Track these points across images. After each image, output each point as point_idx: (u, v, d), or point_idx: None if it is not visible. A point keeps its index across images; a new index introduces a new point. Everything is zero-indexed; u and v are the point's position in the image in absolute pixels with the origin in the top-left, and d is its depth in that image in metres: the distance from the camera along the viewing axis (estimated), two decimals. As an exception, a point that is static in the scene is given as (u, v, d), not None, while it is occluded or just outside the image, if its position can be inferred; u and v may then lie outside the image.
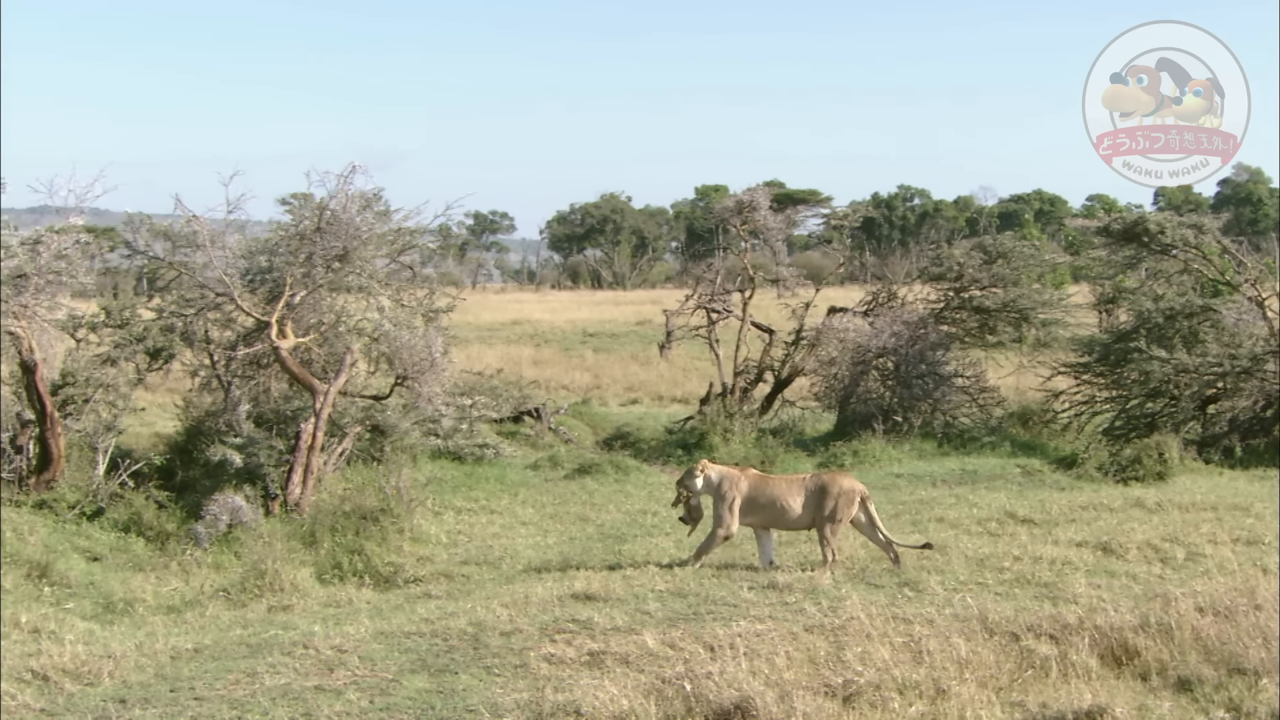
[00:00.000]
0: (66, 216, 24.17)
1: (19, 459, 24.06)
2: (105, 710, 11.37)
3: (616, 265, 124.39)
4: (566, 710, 10.98)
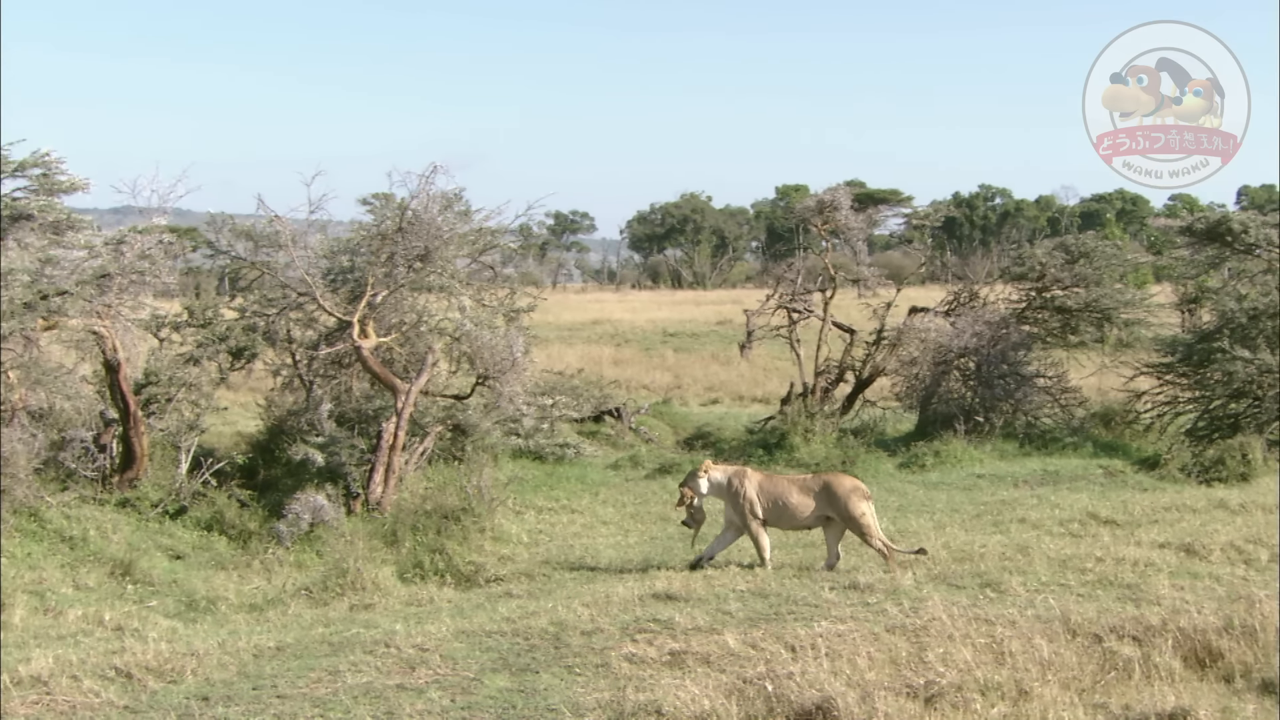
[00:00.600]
0: (150, 217, 24.27)
1: (103, 457, 24.18)
2: (188, 708, 11.39)
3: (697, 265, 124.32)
4: (648, 710, 10.94)
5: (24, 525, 20.99)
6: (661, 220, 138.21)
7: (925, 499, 26.10)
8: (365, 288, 25.79)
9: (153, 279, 23.43)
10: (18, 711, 11.48)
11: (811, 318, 38.55)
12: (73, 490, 22.97)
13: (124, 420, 24.09)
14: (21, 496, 21.13)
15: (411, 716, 11.04)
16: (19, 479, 21.06)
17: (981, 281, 39.02)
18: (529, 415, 29.35)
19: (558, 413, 31.29)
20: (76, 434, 24.24)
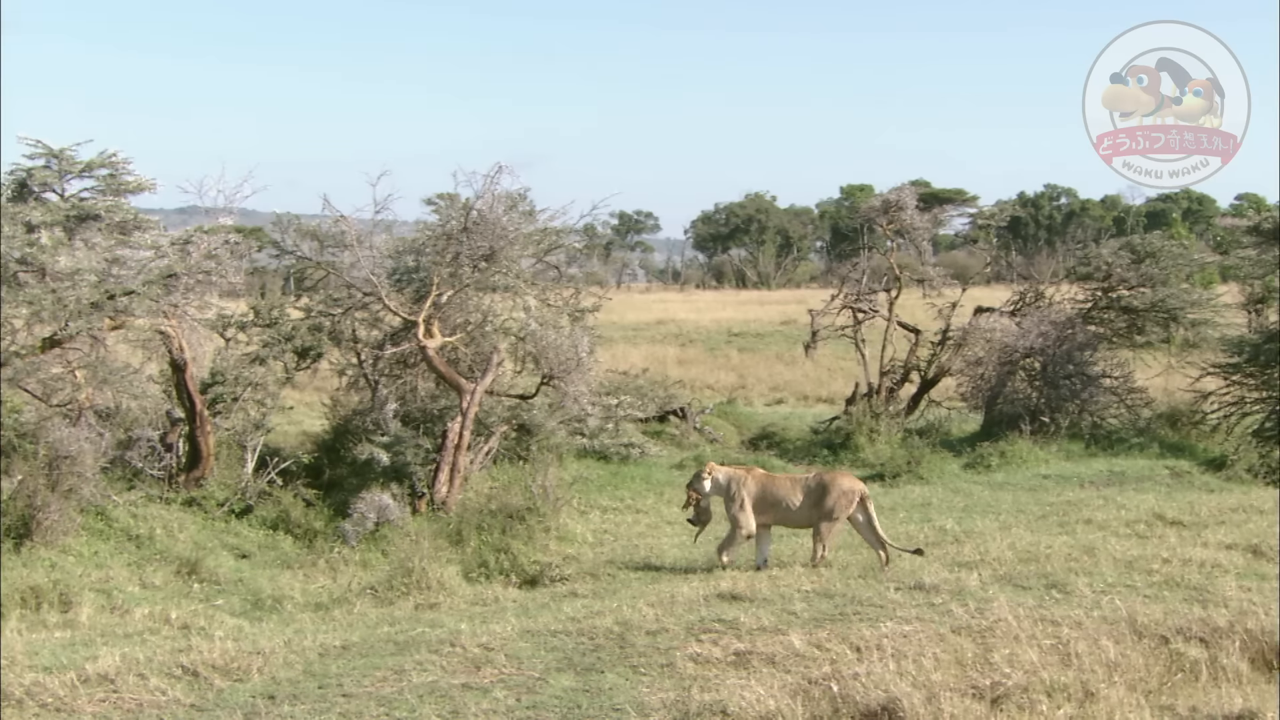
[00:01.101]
0: (216, 217, 24.37)
1: (169, 457, 24.28)
2: (254, 706, 11.41)
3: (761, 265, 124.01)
4: (713, 710, 10.89)
5: (91, 524, 21.10)
6: (726, 220, 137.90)
7: (991, 499, 25.97)
8: (430, 287, 25.82)
9: (219, 279, 23.50)
10: (85, 709, 11.52)
11: (876, 317, 38.44)
12: (139, 489, 23.08)
13: (190, 419, 24.19)
14: (89, 495, 21.24)
15: (477, 716, 11.03)
16: (86, 478, 21.17)
17: (1047, 281, 38.75)
18: (594, 415, 29.31)
19: (622, 412, 31.25)
20: (143, 433, 24.37)
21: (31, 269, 21.18)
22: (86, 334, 21.73)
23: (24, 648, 14.56)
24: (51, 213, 21.93)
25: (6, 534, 19.95)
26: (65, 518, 20.32)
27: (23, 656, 13.58)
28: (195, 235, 23.00)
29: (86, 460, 21.30)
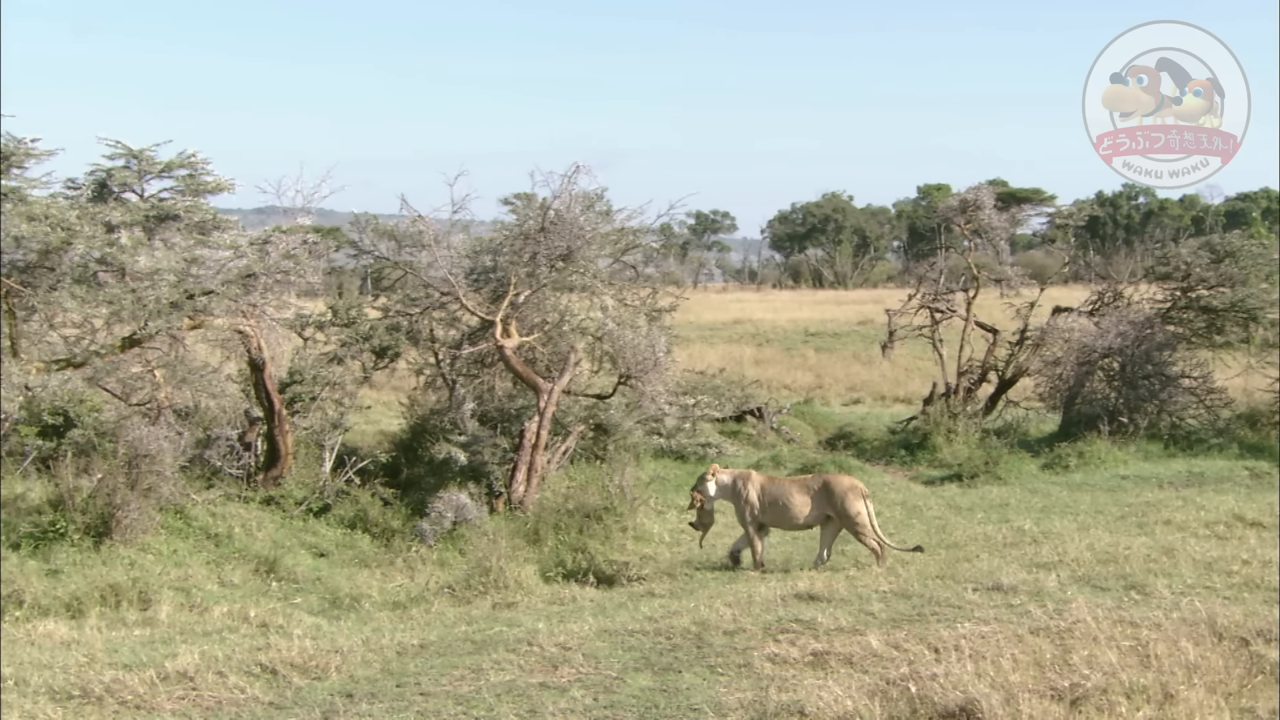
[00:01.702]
0: (294, 217, 24.43)
1: (247, 456, 24.39)
2: (333, 704, 11.42)
3: (838, 264, 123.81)
4: (790, 710, 10.83)
5: (170, 522, 21.20)
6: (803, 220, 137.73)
7: (1069, 500, 25.80)
8: (508, 287, 25.84)
9: (297, 278, 23.56)
10: (164, 707, 11.56)
11: (954, 317, 38.28)
12: (218, 488, 23.18)
13: (269, 419, 24.28)
14: (168, 494, 21.34)
15: (554, 715, 11.00)
16: (165, 476, 21.27)
17: (1125, 281, 38.49)
18: (671, 415, 29.27)
19: (699, 412, 31.18)
20: (222, 432, 24.49)
21: (111, 269, 21.30)
22: (166, 333, 21.84)
23: (104, 645, 14.66)
24: (131, 213, 22.03)
25: (86, 532, 20.08)
26: (144, 516, 20.43)
27: (103, 654, 13.67)
28: (274, 235, 23.07)
29: (165, 459, 21.41)
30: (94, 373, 21.93)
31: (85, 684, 12.07)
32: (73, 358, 21.56)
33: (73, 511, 20.24)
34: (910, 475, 30.95)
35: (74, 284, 20.81)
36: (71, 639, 15.68)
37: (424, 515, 22.82)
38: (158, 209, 22.51)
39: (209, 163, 23.40)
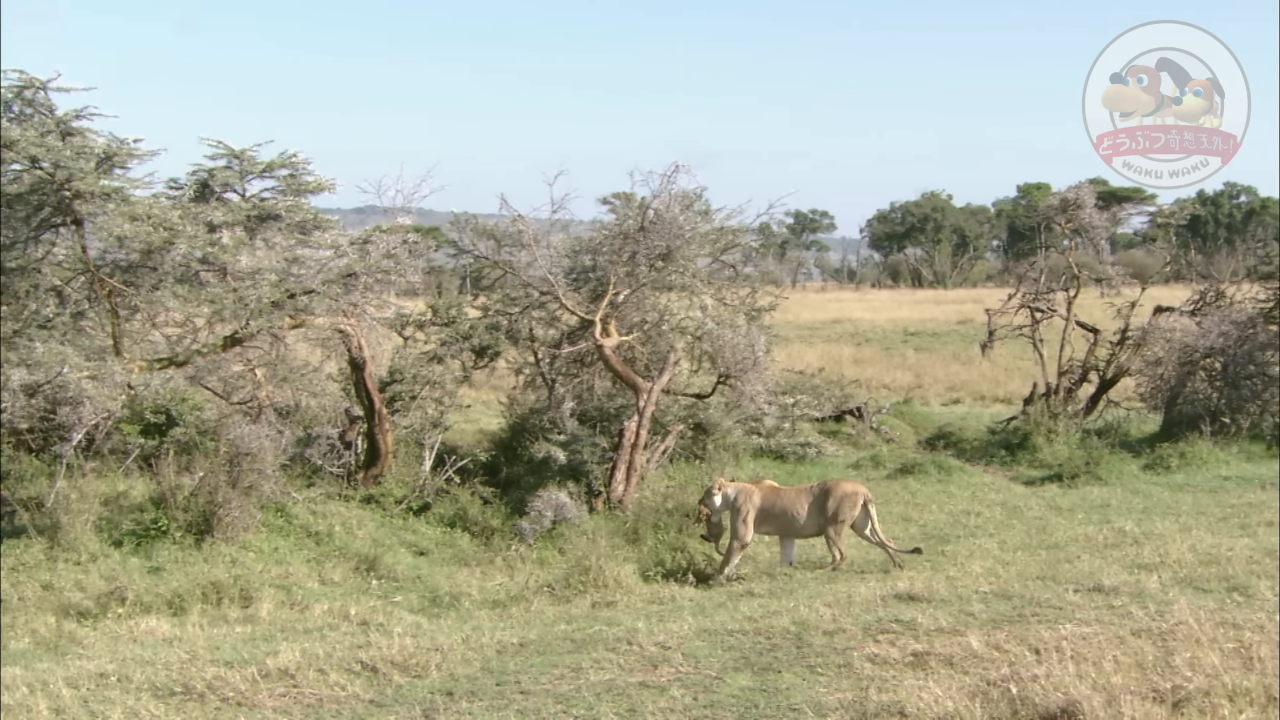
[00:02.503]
0: (394, 216, 24.52)
1: (348, 454, 24.49)
2: (433, 702, 11.42)
3: (937, 264, 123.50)
4: (891, 711, 10.74)
5: (271, 520, 21.32)
6: (902, 219, 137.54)
7: (1170, 501, 25.55)
8: (607, 287, 25.85)
9: (397, 278, 23.65)
10: (265, 704, 11.60)
11: (1054, 317, 38.02)
12: (318, 486, 23.29)
13: (369, 417, 24.38)
14: (269, 492, 21.46)
15: (654, 714, 10.95)
16: (266, 475, 21.38)
17: (1227, 280, 38.12)
18: (770, 414, 29.20)
19: (799, 412, 31.10)
20: (322, 431, 24.62)
21: (213, 268, 21.45)
22: (267, 333, 21.96)
23: (205, 642, 14.73)
24: (233, 213, 22.17)
25: (188, 529, 20.23)
26: (246, 514, 20.55)
27: (204, 651, 13.72)
28: (374, 235, 23.16)
29: (266, 457, 21.53)
30: (196, 372, 22.09)
31: (187, 681, 12.13)
32: (175, 357, 21.71)
33: (175, 509, 20.39)
34: (1010, 475, 30.73)
35: (176, 283, 20.96)
36: (174, 636, 15.81)
37: (523, 514, 22.85)
38: (259, 209, 22.65)
39: (310, 163, 23.54)
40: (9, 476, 22.20)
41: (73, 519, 19.68)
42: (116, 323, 21.33)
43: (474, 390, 34.79)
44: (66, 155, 19.73)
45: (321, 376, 24.66)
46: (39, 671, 12.82)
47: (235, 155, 23.03)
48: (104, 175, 20.52)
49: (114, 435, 23.16)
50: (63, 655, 14.65)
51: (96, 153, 20.45)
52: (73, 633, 16.21)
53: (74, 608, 17.31)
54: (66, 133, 20.37)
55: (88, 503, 20.25)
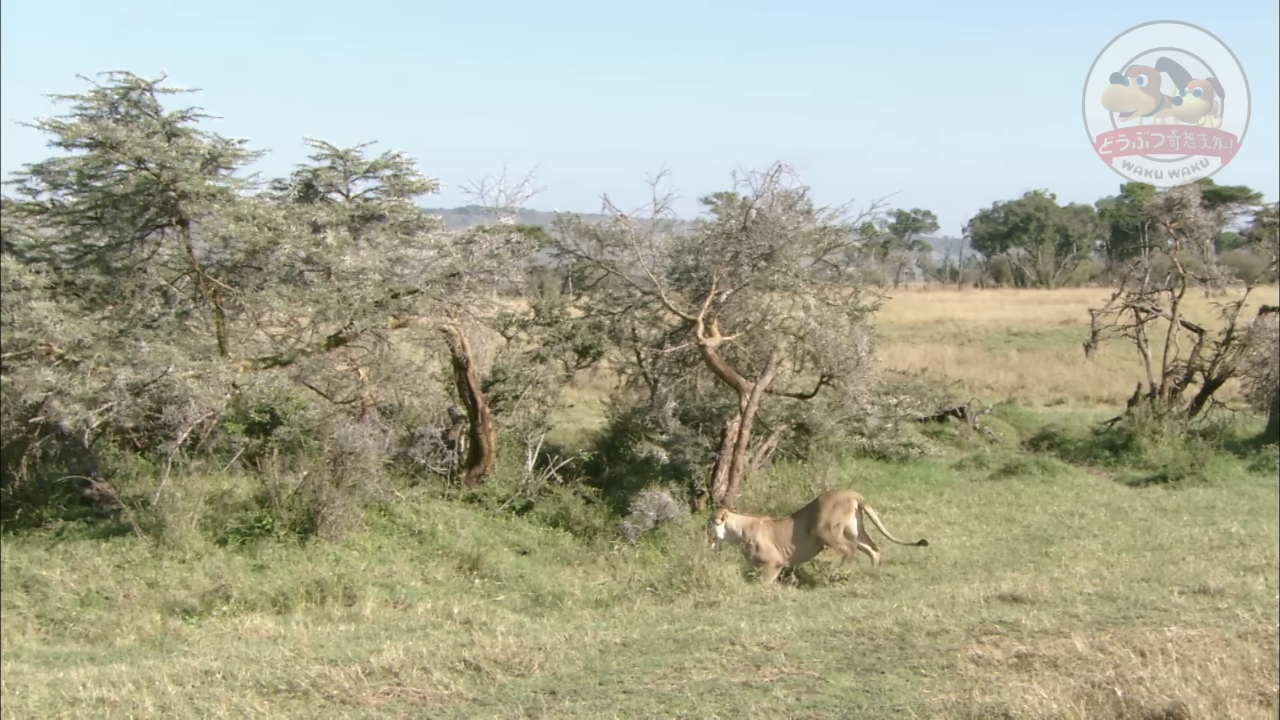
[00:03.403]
0: (497, 216, 24.57)
1: (451, 454, 24.56)
2: (536, 701, 11.40)
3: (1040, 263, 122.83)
4: (994, 713, 10.65)
5: (374, 519, 21.42)
6: (1004, 219, 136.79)
7: (1276, 503, 25.25)
8: (709, 286, 25.83)
9: (500, 278, 23.71)
10: (369, 701, 11.62)
11: (1159, 317, 37.68)
12: (422, 485, 23.40)
13: (472, 417, 24.44)
14: (372, 491, 21.56)
15: (757, 714, 10.90)
16: (370, 474, 21.48)
17: (1334, 280, 37.70)
18: (873, 414, 29.09)
19: (902, 412, 30.99)
20: (426, 430, 24.70)
21: (317, 268, 21.56)
22: (370, 332, 22.05)
23: (309, 640, 14.80)
24: (336, 213, 22.27)
25: (292, 528, 20.35)
26: (349, 513, 20.65)
27: (309, 648, 13.78)
28: (477, 234, 23.21)
29: (370, 456, 21.63)
30: (300, 371, 22.20)
31: (291, 678, 12.17)
32: (279, 356, 21.84)
33: (279, 508, 20.52)
34: (1115, 476, 30.47)
35: (280, 283, 21.09)
36: (278, 634, 15.89)
37: (626, 513, 22.87)
38: (363, 209, 22.75)
39: (413, 163, 23.63)
40: (115, 475, 22.38)
41: (178, 517, 19.84)
42: (221, 322, 21.49)
43: (576, 390, 34.83)
44: (172, 156, 19.88)
45: (425, 376, 24.75)
46: (145, 668, 12.90)
47: (339, 156, 23.14)
48: (209, 176, 20.66)
49: (219, 434, 23.32)
50: (168, 652, 14.74)
51: (202, 153, 20.59)
52: (178, 630, 16.33)
53: (179, 605, 17.44)
54: (172, 133, 20.51)
55: (193, 501, 20.41)
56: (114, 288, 21.28)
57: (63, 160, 20.78)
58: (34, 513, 20.71)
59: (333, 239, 21.19)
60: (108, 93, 20.37)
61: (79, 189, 21.25)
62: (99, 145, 20.08)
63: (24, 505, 21.02)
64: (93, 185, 20.99)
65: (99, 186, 20.91)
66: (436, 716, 11.18)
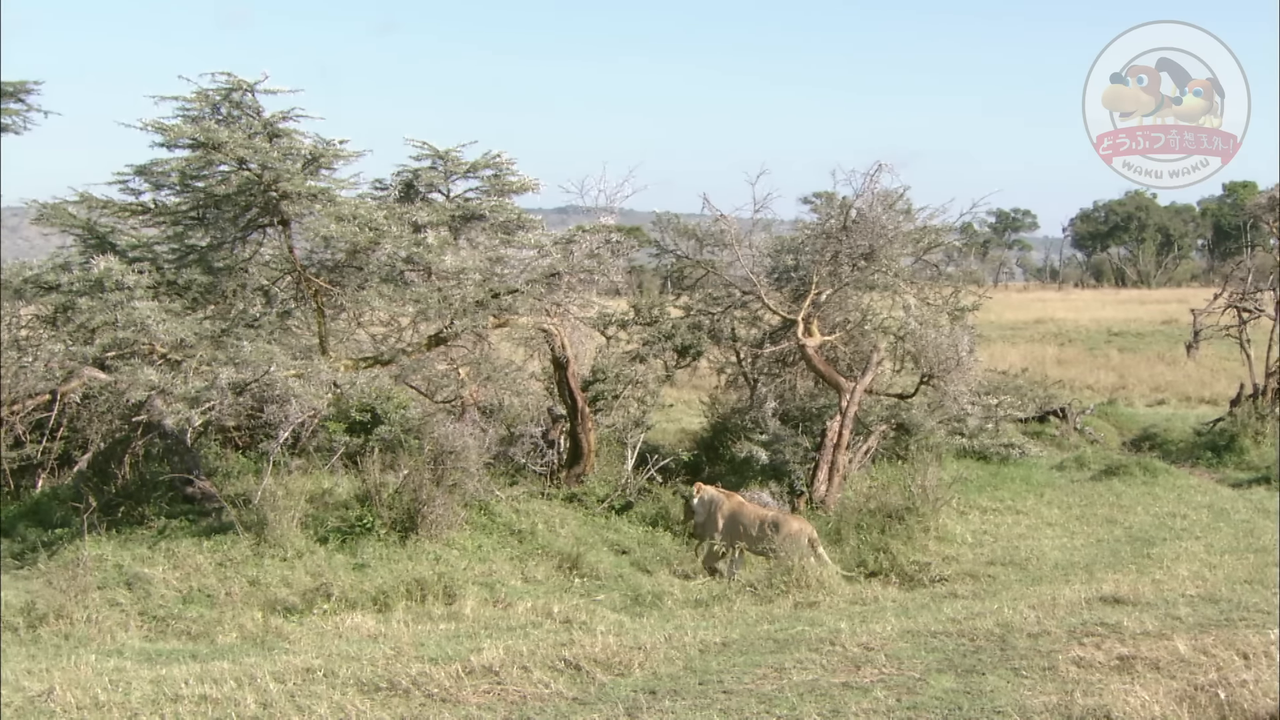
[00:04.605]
0: (596, 216, 24.61)
1: (551, 453, 24.59)
2: (636, 700, 11.40)
3: (1141, 263, 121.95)
4: (1096, 715, 10.59)
5: (474, 518, 21.46)
6: (1105, 218, 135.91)
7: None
8: (809, 286, 25.81)
9: (600, 277, 23.76)
10: (469, 700, 11.65)
11: (1261, 317, 37.29)
12: (522, 485, 23.44)
13: (572, 417, 24.47)
14: (472, 490, 21.60)
15: (857, 715, 10.87)
16: (470, 473, 21.53)
17: None
18: (973, 415, 28.95)
19: (1002, 413, 30.79)
20: (526, 430, 24.74)
21: (418, 268, 21.64)
22: (471, 332, 22.14)
23: (410, 638, 14.86)
24: (437, 213, 22.36)
25: (393, 527, 20.43)
26: (450, 512, 20.69)
27: (409, 647, 13.84)
28: (577, 234, 23.25)
29: (470, 456, 21.68)
30: (400, 370, 22.28)
31: (392, 676, 12.22)
32: (380, 355, 21.96)
33: (379, 507, 20.60)
34: (1217, 478, 30.22)
35: (381, 283, 21.21)
36: (378, 632, 15.97)
37: (724, 513, 22.82)
38: (463, 209, 22.85)
39: (514, 163, 23.70)
40: (217, 473, 22.56)
41: (279, 516, 19.95)
42: (323, 322, 21.64)
43: (676, 390, 34.84)
44: (273, 156, 20.03)
45: (525, 375, 24.80)
46: (246, 666, 12.99)
47: (440, 156, 23.25)
48: (310, 176, 20.81)
49: (320, 433, 23.44)
50: (269, 650, 14.86)
51: (303, 154, 20.74)
52: (279, 628, 16.42)
53: (280, 603, 17.54)
54: (273, 134, 20.67)
55: (294, 500, 20.52)
56: (216, 287, 21.45)
57: (165, 161, 20.99)
58: (136, 511, 20.87)
59: (433, 239, 21.27)
60: (210, 94, 20.55)
61: (181, 189, 21.45)
62: (201, 146, 20.27)
63: (127, 503, 21.19)
64: (195, 186, 21.19)
65: (201, 187, 21.11)
66: (537, 715, 11.21)
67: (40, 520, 21.05)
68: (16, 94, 24.00)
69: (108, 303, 19.58)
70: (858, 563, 20.47)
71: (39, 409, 22.87)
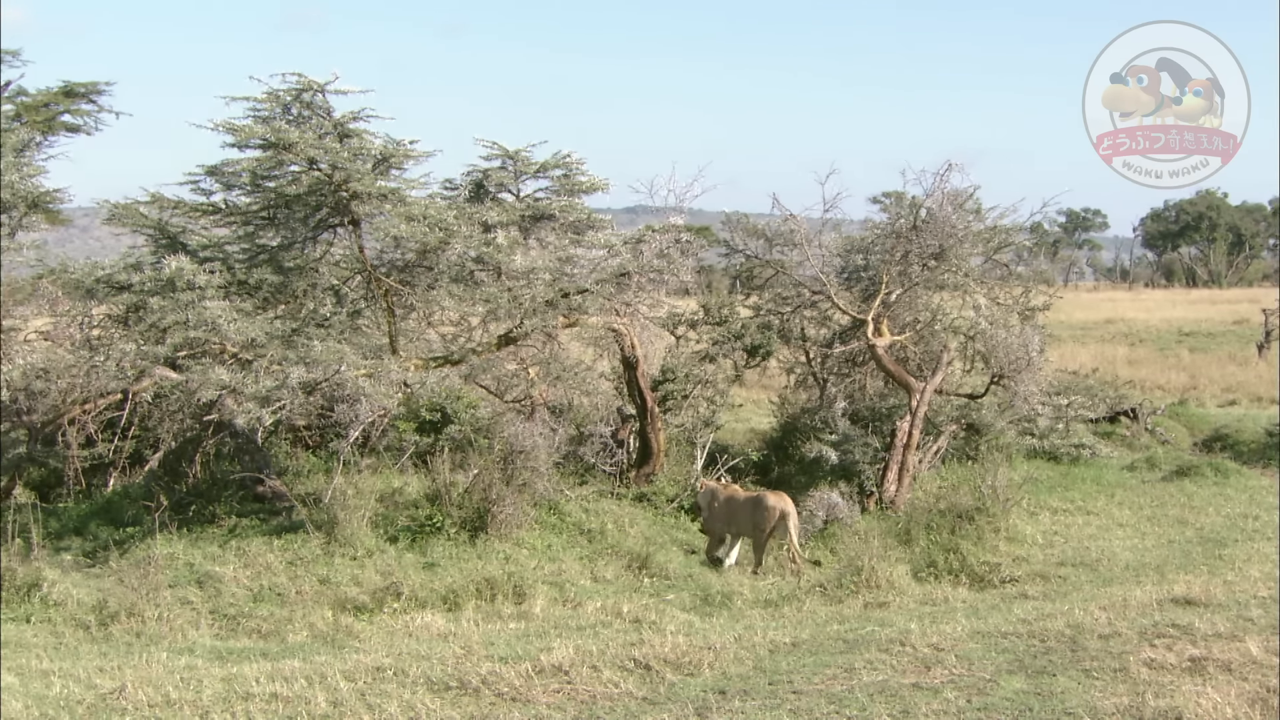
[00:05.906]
0: (665, 215, 24.60)
1: (620, 453, 24.59)
2: (706, 700, 11.41)
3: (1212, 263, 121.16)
4: (1168, 717, 10.57)
5: (544, 518, 21.50)
6: (1176, 218, 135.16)
7: None
8: (879, 286, 25.77)
9: (670, 277, 23.76)
10: (539, 699, 11.68)
11: (1335, 317, 37.09)
12: (591, 484, 23.47)
13: (641, 416, 24.48)
14: (542, 489, 21.64)
15: (927, 716, 10.86)
16: (540, 472, 21.57)
17: None
18: (1044, 415, 28.86)
19: (1073, 413, 30.66)
20: (595, 429, 24.75)
21: (487, 268, 21.68)
22: (540, 331, 22.19)
23: (480, 637, 14.92)
24: (507, 213, 22.39)
25: (462, 526, 20.49)
26: (519, 511, 20.74)
27: (479, 646, 13.88)
28: (647, 234, 23.25)
29: (540, 455, 21.72)
30: (470, 370, 22.35)
31: (462, 675, 12.26)
32: (450, 355, 22.02)
33: (449, 506, 20.66)
34: (1289, 479, 29.98)
35: (451, 283, 21.26)
36: (448, 631, 16.01)
37: (796, 513, 22.82)
38: (533, 209, 22.86)
39: (583, 163, 23.67)
40: (287, 472, 22.67)
41: (349, 515, 20.04)
42: (393, 322, 21.69)
43: (745, 389, 34.80)
44: (344, 157, 20.09)
45: (594, 375, 24.83)
46: (317, 664, 13.06)
47: (510, 156, 23.26)
48: (380, 176, 20.86)
49: (390, 432, 23.53)
50: (340, 649, 14.92)
51: (373, 154, 20.80)
52: (349, 626, 16.48)
53: (350, 602, 17.60)
54: (344, 134, 20.73)
55: (364, 499, 20.61)
56: (286, 287, 21.53)
57: (236, 161, 21.08)
58: (207, 509, 21.00)
59: (503, 239, 21.30)
60: (280, 94, 20.61)
61: (252, 189, 21.54)
62: (272, 146, 20.36)
63: (198, 502, 21.33)
64: (266, 186, 21.28)
65: (272, 187, 21.20)
66: (607, 715, 11.23)
67: (112, 519, 21.21)
68: (88, 94, 24.22)
69: (179, 302, 19.67)
70: (928, 563, 20.39)
71: (111, 408, 23.07)
